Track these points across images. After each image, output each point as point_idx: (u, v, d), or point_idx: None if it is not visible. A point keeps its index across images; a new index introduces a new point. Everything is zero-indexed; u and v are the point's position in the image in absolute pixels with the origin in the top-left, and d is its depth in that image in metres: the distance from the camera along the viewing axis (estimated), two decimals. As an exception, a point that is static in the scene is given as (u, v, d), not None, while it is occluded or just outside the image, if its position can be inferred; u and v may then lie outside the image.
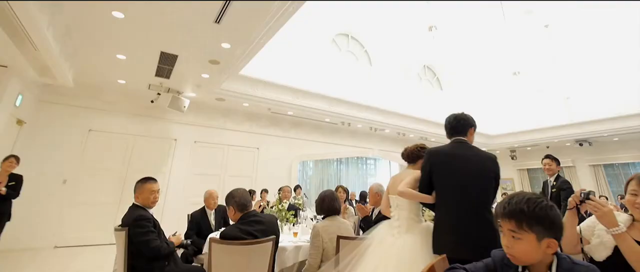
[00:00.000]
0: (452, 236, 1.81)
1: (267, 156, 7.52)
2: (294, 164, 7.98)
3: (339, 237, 2.32)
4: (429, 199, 2.02)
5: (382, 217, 3.16)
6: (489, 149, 11.22)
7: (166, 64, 4.63)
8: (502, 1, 6.50)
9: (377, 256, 1.98)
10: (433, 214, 2.10)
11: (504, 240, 1.01)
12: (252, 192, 6.39)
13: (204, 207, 3.95)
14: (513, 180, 11.57)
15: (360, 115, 7.61)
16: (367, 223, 3.29)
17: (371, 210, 3.92)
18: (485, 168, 1.93)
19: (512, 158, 11.42)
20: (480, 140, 10.32)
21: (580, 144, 8.90)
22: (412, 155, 2.37)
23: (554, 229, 0.95)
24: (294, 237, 3.23)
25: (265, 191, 6.55)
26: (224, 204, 4.27)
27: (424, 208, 2.38)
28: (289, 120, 7.85)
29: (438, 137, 9.65)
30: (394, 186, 2.25)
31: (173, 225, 5.83)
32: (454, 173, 1.93)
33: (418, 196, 2.03)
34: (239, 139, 7.24)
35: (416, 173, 2.15)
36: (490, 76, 10.17)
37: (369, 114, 7.74)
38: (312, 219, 3.81)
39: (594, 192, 1.49)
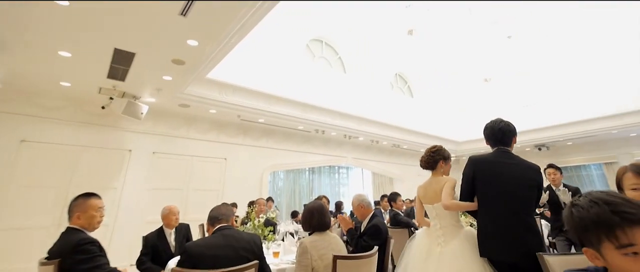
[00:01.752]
0: (498, 241, 1.89)
1: (235, 166, 6.99)
2: (264, 175, 7.52)
3: (335, 257, 1.98)
4: (474, 206, 2.08)
5: (370, 228, 2.89)
6: (456, 155, 11.58)
7: (121, 63, 4.04)
8: (471, 1, 6.67)
9: (433, 266, 2.05)
10: (469, 217, 2.27)
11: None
12: (234, 205, 5.82)
13: (161, 227, 3.38)
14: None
15: (335, 122, 7.40)
16: (352, 236, 3.00)
17: (354, 222, 3.64)
18: (528, 177, 2.00)
19: (477, 164, 11.80)
20: (449, 146, 10.58)
21: (539, 149, 9.46)
22: (430, 161, 2.42)
23: None
24: (275, 258, 2.84)
25: (233, 205, 6.02)
26: (187, 223, 3.79)
27: (462, 213, 2.53)
28: (260, 128, 7.41)
29: (410, 144, 9.73)
30: (426, 195, 2.33)
31: (124, 251, 5.13)
32: (498, 181, 1.99)
33: (463, 206, 2.11)
34: (204, 149, 6.65)
35: (449, 182, 2.21)
36: (461, 82, 10.57)
37: (344, 122, 7.56)
38: (292, 235, 3.43)
39: None
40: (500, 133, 2.13)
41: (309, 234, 2.43)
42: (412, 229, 3.98)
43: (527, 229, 1.87)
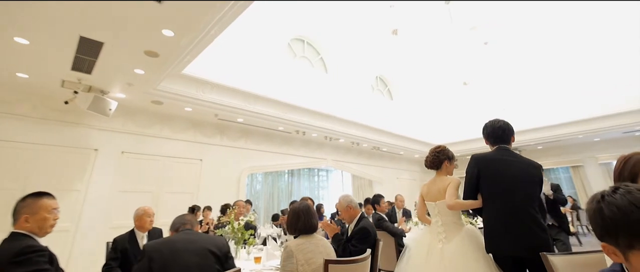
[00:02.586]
0: (506, 236, 1.94)
1: (212, 168, 6.68)
2: (242, 177, 7.24)
3: (327, 262, 1.84)
4: (477, 204, 2.14)
5: (358, 232, 2.77)
6: (432, 159, 11.80)
7: (87, 54, 3.71)
8: (450, 0, 6.78)
9: (435, 263, 2.13)
10: (468, 215, 2.40)
11: None
12: (195, 209, 5.53)
13: (133, 230, 3.11)
14: (454, 188, 12.28)
15: (316, 123, 7.28)
16: (338, 241, 2.87)
17: (340, 225, 3.51)
18: (530, 173, 2.07)
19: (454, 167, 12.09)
20: (426, 149, 10.75)
21: (512, 152, 9.82)
22: (435, 161, 2.44)
23: None
24: (257, 263, 2.65)
25: (208, 208, 5.73)
26: (160, 228, 3.52)
27: (462, 212, 2.64)
28: (238, 128, 7.15)
29: (389, 147, 9.80)
30: (430, 193, 2.40)
31: (87, 260, 4.73)
32: (503, 178, 2.05)
33: (467, 204, 2.17)
34: (178, 150, 6.30)
35: (454, 182, 2.26)
36: (440, 86, 10.82)
37: (325, 123, 7.46)
38: (275, 239, 3.25)
39: None
40: (500, 131, 2.23)
41: (295, 237, 2.27)
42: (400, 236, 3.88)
43: (534, 224, 1.92)
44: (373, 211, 4.50)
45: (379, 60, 9.65)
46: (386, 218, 4.27)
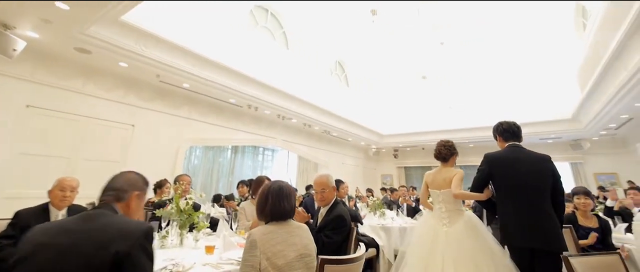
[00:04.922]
0: (522, 229, 2.07)
1: (145, 136, 5.80)
2: (181, 150, 6.49)
3: (323, 261, 1.58)
4: (482, 197, 2.34)
5: (333, 220, 2.53)
6: (377, 147, 12.28)
7: (-17, -33, 2.74)
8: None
9: (441, 244, 2.36)
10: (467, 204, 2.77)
11: None
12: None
13: (47, 204, 2.52)
14: (392, 176, 13.10)
15: (271, 99, 6.83)
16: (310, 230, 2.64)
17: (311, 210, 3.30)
18: (542, 168, 2.20)
19: (395, 156, 12.87)
20: (373, 138, 11.14)
21: (448, 149, 10.79)
22: (446, 154, 2.70)
23: None
24: (209, 253, 2.24)
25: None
26: (81, 205, 2.88)
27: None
28: (183, 94, 6.32)
29: (340, 132, 9.84)
30: (434, 181, 2.65)
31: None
32: (516, 174, 2.18)
33: (471, 195, 2.41)
34: (105, 111, 5.30)
35: (459, 174, 2.51)
36: (396, 78, 11.18)
37: (280, 100, 7.06)
38: (232, 227, 2.87)
39: None
40: (516, 128, 2.43)
41: (265, 224, 1.90)
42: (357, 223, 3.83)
43: (546, 217, 2.06)
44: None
45: (341, 44, 9.51)
46: (347, 204, 4.18)
